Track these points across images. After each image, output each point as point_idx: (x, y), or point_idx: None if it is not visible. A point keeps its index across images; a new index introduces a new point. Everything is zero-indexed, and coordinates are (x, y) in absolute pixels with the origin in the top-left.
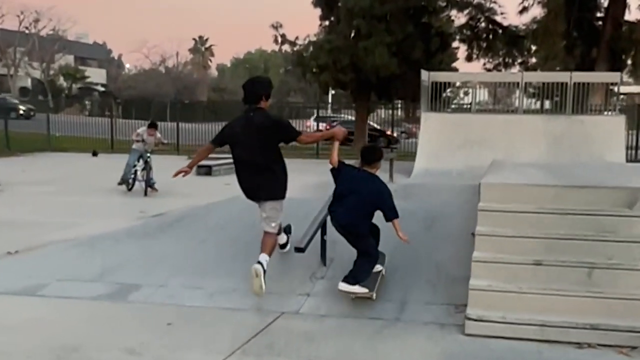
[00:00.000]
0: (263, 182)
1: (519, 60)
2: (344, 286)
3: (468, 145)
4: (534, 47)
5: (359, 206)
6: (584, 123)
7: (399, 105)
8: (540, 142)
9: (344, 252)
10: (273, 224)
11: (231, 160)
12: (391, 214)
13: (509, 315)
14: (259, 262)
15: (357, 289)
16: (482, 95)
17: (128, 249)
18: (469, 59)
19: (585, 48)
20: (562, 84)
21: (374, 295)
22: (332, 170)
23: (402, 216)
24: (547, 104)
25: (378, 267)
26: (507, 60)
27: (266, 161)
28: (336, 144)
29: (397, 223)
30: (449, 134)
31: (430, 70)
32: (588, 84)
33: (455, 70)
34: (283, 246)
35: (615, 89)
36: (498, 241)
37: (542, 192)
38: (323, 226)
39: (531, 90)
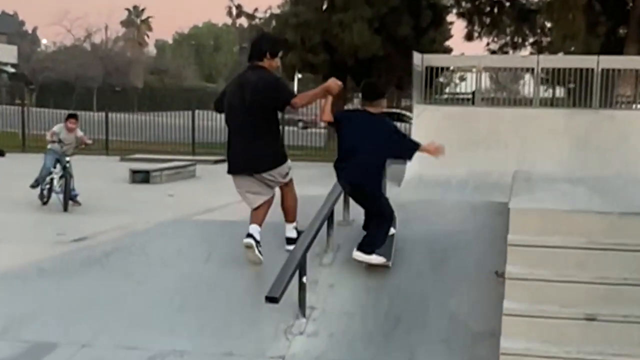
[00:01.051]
0: (253, 153)
1: (531, 40)
2: (359, 255)
3: (472, 145)
4: (548, 24)
5: (372, 158)
6: (614, 119)
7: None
8: (561, 143)
9: (329, 296)
10: (282, 179)
11: (175, 165)
12: (412, 152)
13: None
14: (288, 240)
15: (374, 258)
16: (482, 80)
17: (41, 292)
18: (469, 37)
19: (611, 25)
20: (586, 70)
21: (390, 263)
22: (332, 124)
23: (403, 247)
24: (559, 92)
25: (391, 230)
26: (516, 39)
27: (257, 129)
28: (329, 99)
29: (422, 150)
30: (447, 131)
31: (421, 52)
32: (618, 70)
33: (449, 50)
34: (291, 241)
35: None
36: (536, 287)
37: (593, 221)
38: (302, 265)
39: (541, 75)
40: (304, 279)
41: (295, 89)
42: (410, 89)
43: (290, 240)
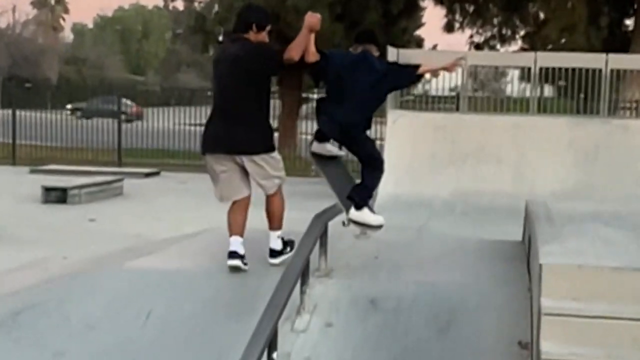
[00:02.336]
0: (237, 132)
1: (522, 33)
2: (356, 215)
3: (458, 160)
4: (542, 14)
5: (367, 95)
6: (629, 130)
7: None
8: (565, 158)
9: None
10: (276, 181)
11: (98, 180)
12: (413, 76)
13: None
14: (271, 253)
15: (372, 218)
16: (458, 77)
17: None
18: (448, 28)
19: (616, 16)
20: (592, 70)
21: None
22: (318, 63)
23: (399, 307)
24: (547, 91)
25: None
26: (504, 31)
27: (244, 105)
28: (312, 38)
29: (422, 69)
30: (428, 142)
31: (392, 44)
32: (628, 71)
33: (421, 41)
34: (275, 254)
35: None
36: None
37: None
38: (273, 339)
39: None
40: (275, 356)
41: None
42: None
43: (274, 253)
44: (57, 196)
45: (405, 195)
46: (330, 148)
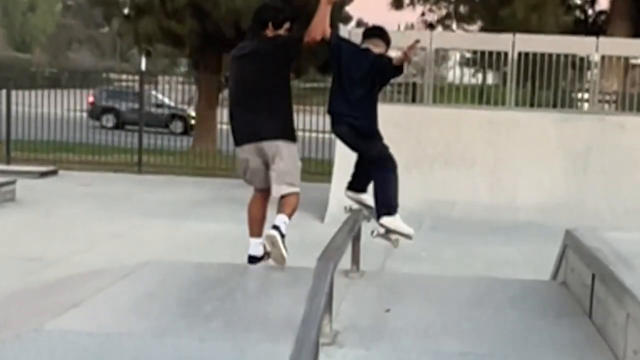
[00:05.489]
0: (261, 119)
1: (481, 11)
2: (389, 221)
3: (424, 163)
4: None
5: (373, 94)
6: (625, 129)
7: None
8: (552, 161)
9: None
10: (287, 180)
11: None
12: (396, 70)
13: None
14: (274, 226)
15: (403, 226)
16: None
17: None
18: (397, 4)
19: None
20: (580, 58)
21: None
22: (331, 46)
23: None
24: (490, 78)
25: None
26: (459, 9)
27: (263, 97)
28: (328, 8)
29: (397, 61)
30: (389, 141)
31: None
32: (607, 58)
33: (349, 19)
34: (276, 229)
35: None
36: None
37: None
38: None
39: (467, 55)
40: None
41: (143, 66)
42: (314, 73)
43: (275, 228)
44: None
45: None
46: (366, 197)
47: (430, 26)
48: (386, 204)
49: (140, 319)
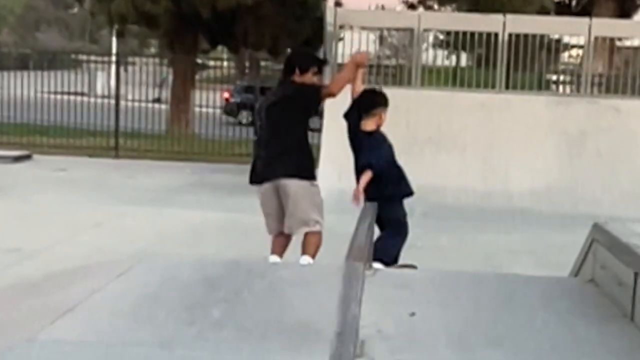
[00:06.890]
0: (277, 159)
1: None
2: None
3: (413, 147)
4: None
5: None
6: (620, 112)
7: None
8: (545, 145)
9: None
10: (303, 217)
11: None
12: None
13: None
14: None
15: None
16: (367, 42)
17: None
18: None
19: None
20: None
21: None
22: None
23: None
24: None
25: None
26: None
27: (281, 138)
28: (360, 74)
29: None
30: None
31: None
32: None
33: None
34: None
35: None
36: None
37: None
38: None
39: (440, 36)
40: None
41: (114, 48)
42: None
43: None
44: None
45: (349, 191)
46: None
47: (411, 6)
48: (386, 253)
49: (144, 325)
